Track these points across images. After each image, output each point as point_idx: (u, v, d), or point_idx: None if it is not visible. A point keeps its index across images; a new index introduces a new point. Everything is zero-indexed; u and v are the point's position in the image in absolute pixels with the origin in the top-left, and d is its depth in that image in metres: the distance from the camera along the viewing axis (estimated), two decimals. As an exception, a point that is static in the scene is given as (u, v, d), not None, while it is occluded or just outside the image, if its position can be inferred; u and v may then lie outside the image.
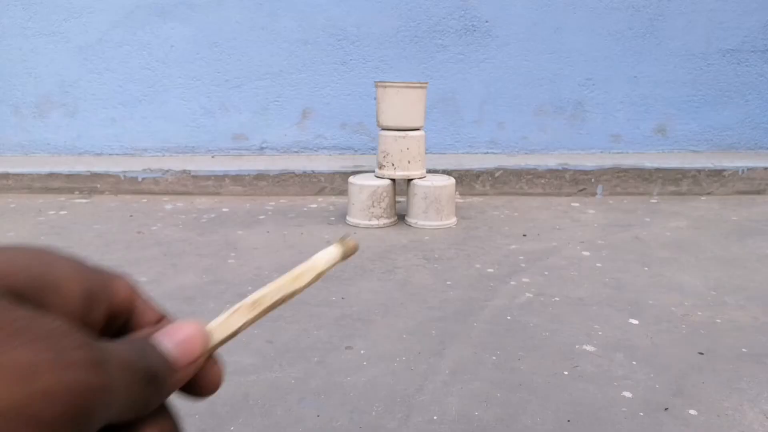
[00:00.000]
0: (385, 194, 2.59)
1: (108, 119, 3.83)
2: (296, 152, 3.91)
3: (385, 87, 2.57)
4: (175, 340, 0.23)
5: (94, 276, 0.22)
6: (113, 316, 0.23)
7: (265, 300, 0.27)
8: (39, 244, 0.22)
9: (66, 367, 0.17)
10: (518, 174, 3.31)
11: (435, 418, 1.11)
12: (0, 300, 0.17)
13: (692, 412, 1.14)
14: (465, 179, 3.26)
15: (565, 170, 3.31)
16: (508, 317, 1.58)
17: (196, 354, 0.23)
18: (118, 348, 0.20)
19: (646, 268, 2.01)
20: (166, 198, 3.13)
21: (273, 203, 3.07)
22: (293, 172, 3.27)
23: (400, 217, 2.70)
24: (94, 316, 0.22)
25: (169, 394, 0.22)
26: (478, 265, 2.02)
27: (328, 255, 0.29)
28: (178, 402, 0.25)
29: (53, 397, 0.17)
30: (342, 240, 0.30)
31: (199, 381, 0.24)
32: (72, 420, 0.17)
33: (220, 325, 0.26)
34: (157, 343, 0.22)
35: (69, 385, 0.17)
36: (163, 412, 0.23)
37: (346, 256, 0.30)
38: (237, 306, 0.26)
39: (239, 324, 0.26)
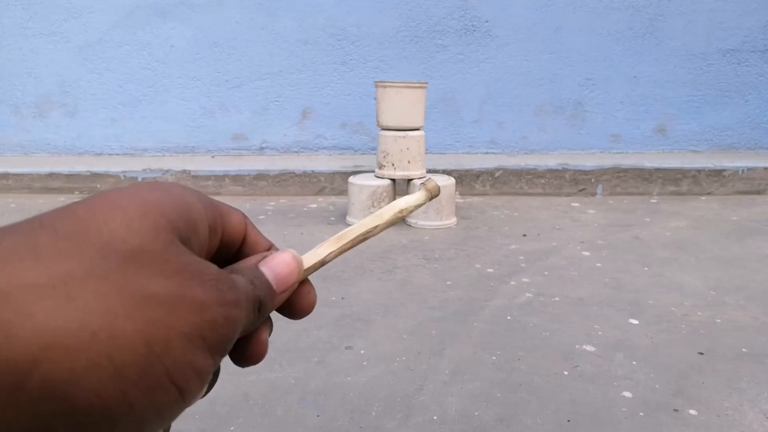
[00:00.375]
0: (385, 194, 2.59)
1: (108, 119, 3.83)
2: (296, 152, 3.91)
3: (385, 87, 2.57)
4: (275, 270, 0.27)
5: (215, 211, 0.26)
6: (227, 245, 0.27)
7: (349, 234, 0.31)
8: (167, 182, 0.25)
9: (225, 304, 0.22)
10: (518, 174, 3.31)
11: (435, 418, 1.11)
12: (177, 246, 0.22)
13: (692, 412, 1.15)
14: (465, 179, 3.26)
15: (565, 170, 3.31)
16: (508, 317, 1.58)
17: (292, 282, 0.28)
18: (242, 284, 0.24)
19: (646, 268, 2.01)
20: (166, 198, 3.12)
21: (273, 203, 3.07)
22: (293, 172, 3.27)
23: (400, 217, 2.69)
24: (212, 245, 0.26)
25: (269, 313, 0.27)
26: (478, 265, 2.02)
27: (412, 197, 0.33)
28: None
29: (216, 325, 0.22)
30: (424, 184, 0.33)
31: (294, 304, 0.29)
32: (225, 342, 0.22)
33: (311, 255, 0.30)
34: (262, 274, 0.26)
35: (227, 317, 0.22)
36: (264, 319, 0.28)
37: (430, 197, 0.33)
38: (325, 241, 0.31)
39: (326, 254, 0.30)
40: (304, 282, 0.29)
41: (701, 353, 1.39)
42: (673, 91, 3.95)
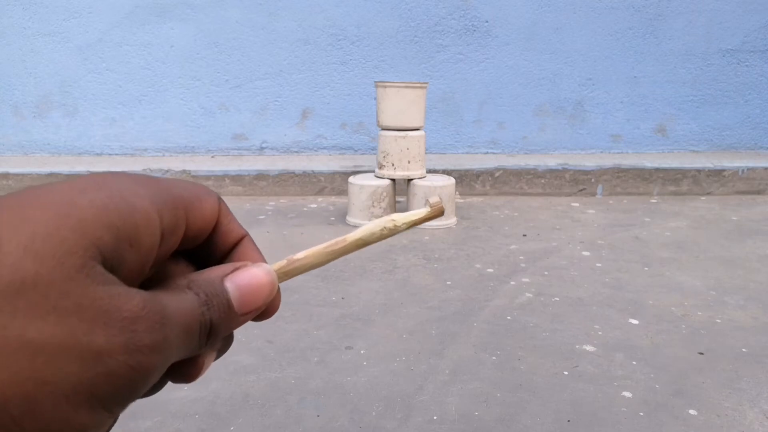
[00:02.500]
0: (385, 194, 2.59)
1: (108, 119, 3.83)
2: (296, 152, 3.91)
3: (385, 87, 2.57)
4: (242, 289, 0.23)
5: (175, 209, 0.22)
6: (194, 236, 0.24)
7: (340, 249, 0.29)
8: (110, 173, 0.21)
9: (133, 351, 0.18)
10: (518, 174, 3.31)
11: (435, 418, 1.11)
12: (87, 273, 0.18)
13: (692, 412, 1.15)
14: (465, 179, 3.26)
15: (565, 170, 3.31)
16: (508, 317, 1.58)
17: (260, 303, 0.24)
18: (182, 309, 0.21)
19: (646, 268, 2.01)
20: (166, 198, 3.12)
21: (273, 203, 3.07)
22: (293, 172, 3.27)
23: (400, 217, 2.69)
24: (169, 246, 0.22)
25: (225, 335, 0.23)
26: (478, 265, 2.02)
27: (411, 212, 0.31)
28: (178, 402, 0.25)
29: (115, 377, 0.18)
30: (429, 200, 0.32)
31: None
32: (128, 393, 0.19)
33: (293, 265, 0.28)
34: (224, 292, 0.23)
35: (134, 366, 0.19)
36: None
37: (431, 216, 0.32)
38: (319, 247, 0.29)
39: (310, 266, 0.28)
40: (268, 312, 0.26)
41: (701, 353, 1.39)
42: (673, 91, 3.95)
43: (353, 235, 0.29)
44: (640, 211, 2.91)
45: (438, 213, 0.32)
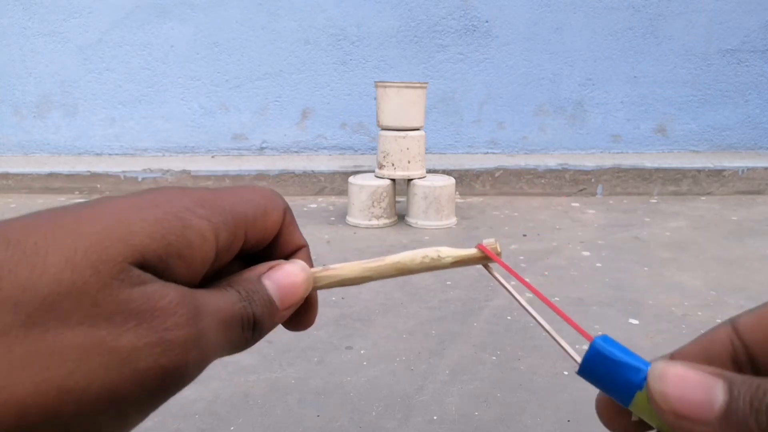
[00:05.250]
0: (385, 194, 2.59)
1: (108, 119, 3.83)
2: (296, 152, 3.91)
3: (385, 87, 2.57)
4: (279, 284, 0.24)
5: (233, 228, 0.23)
6: (254, 245, 0.25)
7: (377, 261, 0.28)
8: (174, 190, 0.22)
9: (165, 349, 0.18)
10: (518, 174, 3.31)
11: (435, 418, 1.11)
12: (123, 279, 0.18)
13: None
14: (465, 179, 3.26)
15: (565, 170, 3.31)
16: (508, 317, 1.58)
17: (298, 297, 0.25)
18: (220, 304, 0.21)
19: (646, 268, 2.01)
20: (166, 198, 3.12)
21: (273, 203, 3.07)
22: (293, 172, 3.27)
23: (400, 217, 2.70)
24: (225, 259, 0.23)
25: (270, 330, 0.24)
26: (478, 265, 2.02)
27: (461, 250, 0.29)
28: (178, 402, 0.25)
29: (144, 379, 0.18)
30: (483, 244, 0.30)
31: (294, 318, 0.26)
32: (160, 394, 0.19)
33: (327, 272, 0.27)
34: (263, 289, 0.24)
35: (164, 366, 0.18)
36: None
37: (480, 259, 0.30)
38: (363, 261, 0.28)
39: (345, 274, 0.27)
40: (309, 296, 0.27)
41: (701, 353, 1.39)
42: (673, 91, 3.95)
43: (392, 258, 0.28)
44: (640, 211, 2.91)
45: (488, 258, 0.30)
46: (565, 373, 1.28)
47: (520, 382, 1.24)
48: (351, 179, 2.66)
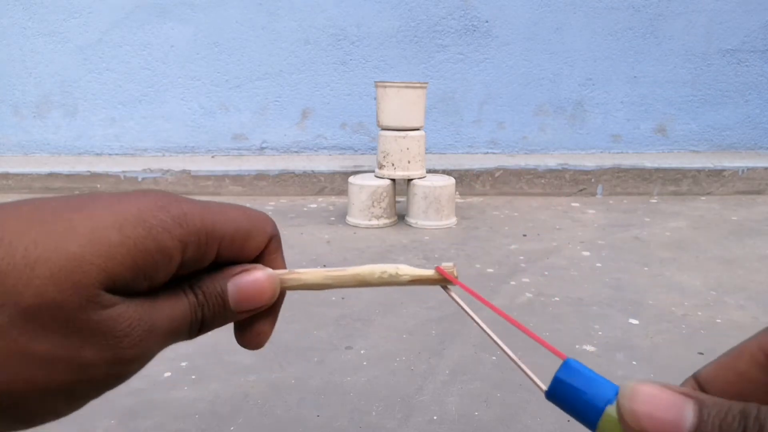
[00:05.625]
0: (385, 194, 2.59)
1: (108, 119, 3.83)
2: (296, 152, 3.91)
3: (385, 87, 2.57)
4: (241, 290, 0.27)
5: (204, 245, 0.25)
6: (231, 260, 0.27)
7: (338, 277, 0.29)
8: (160, 196, 0.24)
9: (115, 363, 0.23)
10: (518, 174, 3.31)
11: (435, 418, 1.11)
12: (97, 301, 0.21)
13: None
14: (465, 179, 3.26)
15: (565, 170, 3.31)
16: (508, 317, 1.59)
17: (258, 303, 0.27)
18: (172, 316, 0.25)
19: (646, 268, 2.01)
20: (166, 198, 3.12)
21: (273, 203, 3.07)
22: (293, 172, 3.27)
23: (400, 217, 2.70)
24: (193, 268, 0.26)
25: (221, 326, 0.27)
26: (478, 265, 2.02)
27: (421, 270, 0.30)
28: (178, 402, 0.26)
29: (95, 383, 0.23)
30: (441, 267, 0.30)
31: (245, 332, 0.29)
32: (104, 391, 0.24)
33: (292, 275, 0.29)
34: (222, 292, 0.26)
35: (112, 374, 0.23)
36: None
37: (438, 280, 0.31)
38: (327, 270, 0.29)
39: (307, 282, 0.29)
40: (267, 317, 0.29)
41: (701, 353, 1.39)
42: (673, 91, 3.95)
43: (353, 269, 0.29)
44: (640, 211, 2.91)
45: (446, 280, 0.31)
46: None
47: (520, 382, 1.24)
48: (351, 179, 2.66)
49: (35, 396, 0.21)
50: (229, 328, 0.29)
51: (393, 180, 2.66)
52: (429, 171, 2.89)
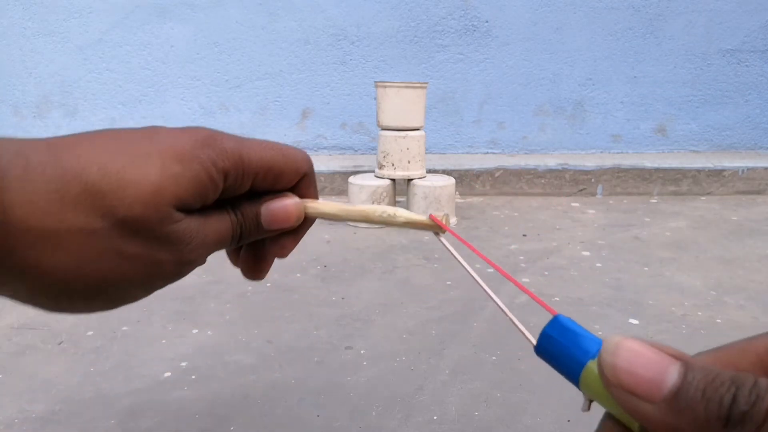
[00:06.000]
0: (385, 194, 2.59)
1: (108, 119, 3.83)
2: (296, 152, 3.90)
3: (385, 87, 2.57)
4: (272, 212, 0.35)
5: (241, 176, 0.32)
6: (266, 189, 0.35)
7: (348, 210, 0.36)
8: (218, 135, 0.33)
9: (180, 262, 0.31)
10: (518, 174, 3.31)
11: (435, 418, 1.11)
12: (171, 218, 0.29)
13: (692, 412, 1.14)
14: (465, 179, 3.26)
15: (565, 170, 3.31)
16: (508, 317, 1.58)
17: (284, 225, 0.35)
18: (219, 230, 0.33)
19: (646, 268, 2.01)
20: (166, 198, 3.12)
21: (273, 203, 3.06)
22: (293, 172, 3.26)
23: (400, 217, 2.69)
24: (232, 194, 0.33)
25: (255, 239, 0.36)
26: (478, 265, 2.02)
27: (415, 215, 0.36)
28: (178, 402, 0.26)
29: (165, 273, 0.31)
30: (443, 215, 0.36)
31: (281, 239, 0.37)
32: (170, 282, 0.32)
33: (313, 204, 0.36)
34: (257, 214, 0.34)
35: (178, 271, 0.32)
36: None
37: (429, 226, 0.36)
38: (343, 204, 0.36)
39: (324, 211, 0.36)
40: (292, 235, 0.37)
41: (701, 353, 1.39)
42: (673, 91, 3.95)
43: (361, 207, 0.36)
44: (640, 211, 2.91)
45: (438, 227, 0.35)
46: (565, 373, 1.28)
47: (520, 382, 1.24)
48: (351, 179, 2.66)
49: (123, 284, 0.29)
50: (228, 327, 0.31)
51: (393, 180, 2.66)
52: (429, 171, 2.89)
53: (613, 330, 1.52)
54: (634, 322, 1.57)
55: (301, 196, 0.36)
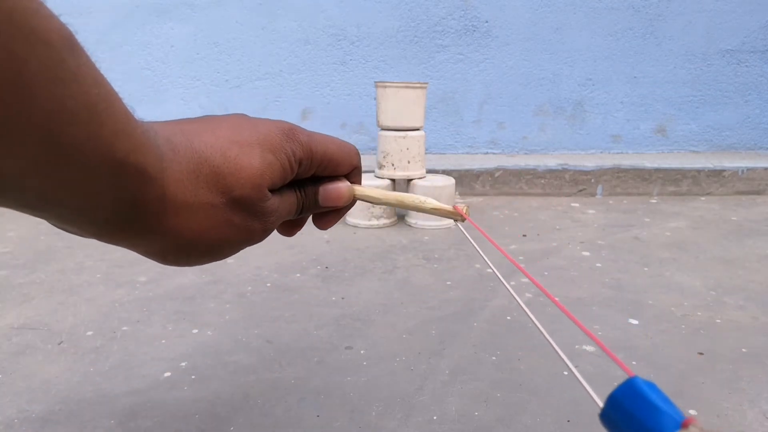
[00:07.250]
0: (385, 194, 2.59)
1: (108, 119, 3.82)
2: (296, 152, 3.90)
3: (385, 87, 2.57)
4: (327, 193, 0.44)
5: (308, 167, 0.42)
6: (326, 175, 0.45)
7: (387, 195, 0.46)
8: (294, 130, 0.41)
9: (265, 229, 0.40)
10: (518, 174, 3.31)
11: (435, 418, 1.11)
12: (265, 197, 0.38)
13: (692, 412, 1.14)
14: (465, 179, 3.26)
15: (565, 170, 3.31)
16: (508, 317, 1.58)
17: (336, 204, 0.45)
18: (290, 204, 0.42)
19: (646, 268, 2.01)
20: (166, 198, 3.11)
21: (273, 203, 3.06)
22: (293, 172, 3.26)
23: (400, 217, 2.70)
24: (302, 176, 0.43)
25: (312, 212, 0.46)
26: (478, 266, 2.02)
27: (440, 204, 0.43)
28: (177, 402, 0.25)
29: (254, 234, 0.40)
30: (465, 206, 0.43)
31: (328, 215, 0.47)
32: (254, 243, 0.41)
33: (361, 189, 0.46)
34: (315, 193, 0.44)
35: (262, 236, 0.41)
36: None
37: (451, 214, 0.43)
38: (383, 190, 0.45)
39: (368, 195, 0.46)
40: (337, 213, 0.47)
41: (701, 353, 1.39)
42: (673, 91, 3.95)
43: (397, 193, 0.45)
44: (640, 212, 2.91)
45: (459, 215, 0.42)
46: (565, 373, 1.28)
47: (520, 382, 1.24)
48: (351, 179, 2.66)
49: (227, 246, 0.37)
50: (228, 327, 0.31)
51: (393, 180, 2.66)
52: (429, 171, 2.89)
53: (613, 330, 1.52)
54: (634, 322, 1.57)
55: (351, 180, 0.46)
